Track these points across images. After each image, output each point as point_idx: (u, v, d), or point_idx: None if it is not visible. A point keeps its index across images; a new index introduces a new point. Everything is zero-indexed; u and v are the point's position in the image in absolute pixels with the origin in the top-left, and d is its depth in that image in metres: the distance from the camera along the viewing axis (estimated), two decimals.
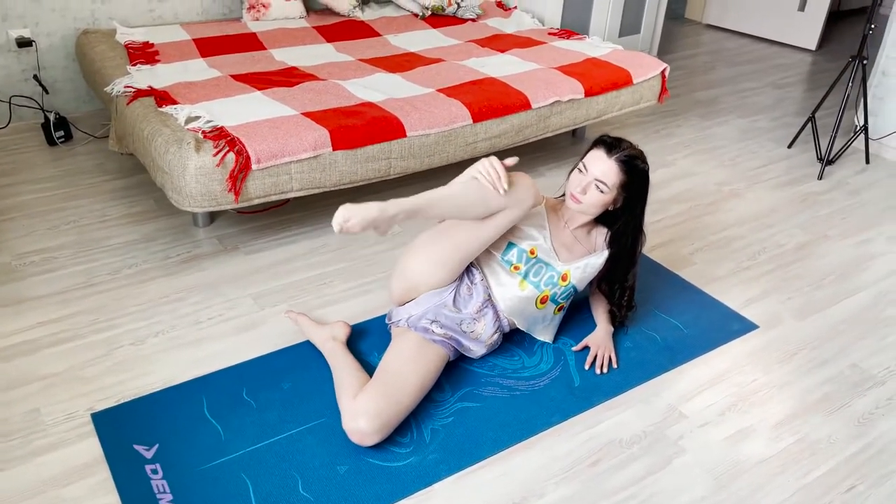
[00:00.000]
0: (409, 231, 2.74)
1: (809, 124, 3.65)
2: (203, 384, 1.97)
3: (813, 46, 5.37)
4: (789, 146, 3.71)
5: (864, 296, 2.54)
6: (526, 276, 2.04)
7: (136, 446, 1.76)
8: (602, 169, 1.96)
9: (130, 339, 2.11)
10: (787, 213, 3.07)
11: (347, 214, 1.77)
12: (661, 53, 4.98)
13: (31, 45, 3.16)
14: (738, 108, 4.20)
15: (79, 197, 2.82)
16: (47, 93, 3.29)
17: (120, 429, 1.81)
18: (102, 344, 2.08)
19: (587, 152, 2.02)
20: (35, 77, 3.22)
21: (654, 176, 2.08)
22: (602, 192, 1.97)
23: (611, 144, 1.99)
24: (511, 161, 1.89)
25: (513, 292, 2.03)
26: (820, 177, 3.39)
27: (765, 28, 5.56)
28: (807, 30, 5.35)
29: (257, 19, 3.56)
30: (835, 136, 3.43)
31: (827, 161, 3.42)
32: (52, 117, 3.14)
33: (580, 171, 2.00)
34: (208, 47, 3.18)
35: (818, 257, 2.76)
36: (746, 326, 2.34)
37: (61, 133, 3.19)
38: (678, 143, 3.68)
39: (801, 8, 5.32)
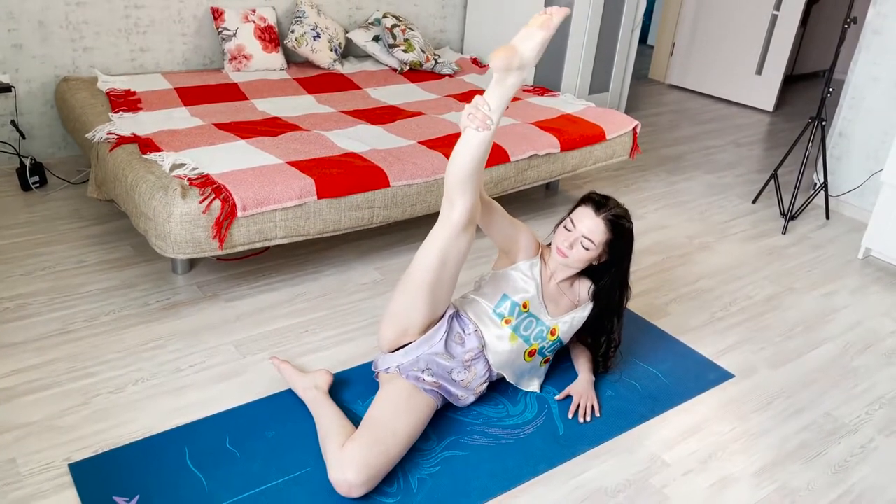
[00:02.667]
0: (389, 280, 2.76)
1: (772, 181, 3.81)
2: (185, 433, 1.93)
3: (770, 108, 5.62)
4: (754, 201, 3.85)
5: (832, 346, 2.62)
6: (516, 329, 2.07)
7: (115, 498, 1.71)
8: (589, 227, 2.01)
9: (109, 388, 2.07)
10: (755, 265, 3.17)
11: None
12: (628, 111, 5.16)
13: (10, 91, 3.15)
14: (704, 164, 4.36)
15: (54, 242, 2.78)
16: (24, 138, 3.27)
17: (99, 480, 1.76)
18: (80, 392, 2.04)
19: (575, 208, 2.07)
20: (12, 122, 3.20)
21: None
22: (587, 249, 2.02)
23: (598, 203, 2.03)
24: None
25: (503, 345, 2.05)
26: (784, 231, 3.52)
27: (724, 89, 5.82)
28: (764, 92, 5.62)
29: (239, 70, 3.61)
30: (796, 193, 3.58)
31: (790, 216, 3.56)
32: (27, 162, 3.12)
33: (567, 228, 2.04)
34: (190, 96, 3.21)
35: (786, 309, 2.85)
36: (722, 375, 2.39)
37: (36, 178, 3.16)
38: (648, 197, 3.79)
39: (759, 72, 5.60)
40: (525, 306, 2.07)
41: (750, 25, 5.53)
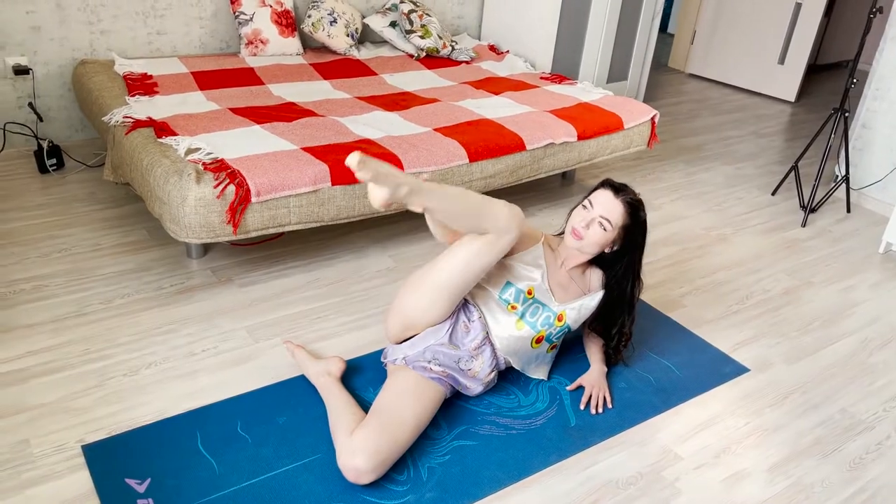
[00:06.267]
0: (403, 267, 2.75)
1: (792, 172, 3.75)
2: (197, 417, 1.94)
3: (792, 98, 5.53)
4: (773, 193, 3.80)
5: (850, 341, 2.58)
6: (523, 315, 2.05)
7: (127, 480, 1.73)
8: (608, 207, 2.02)
9: (123, 370, 2.08)
10: (773, 258, 3.13)
11: (363, 159, 1.68)
12: (646, 100, 5.10)
13: (27, 73, 3.16)
14: (723, 155, 4.30)
15: (71, 225, 2.80)
16: (41, 120, 3.28)
17: (111, 462, 1.77)
18: (94, 374, 2.05)
19: (592, 192, 2.08)
20: (30, 104, 3.22)
21: None
22: (605, 229, 2.01)
23: (617, 187, 2.05)
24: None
25: (509, 331, 2.04)
26: (803, 224, 3.47)
27: (745, 79, 5.73)
28: (786, 82, 5.53)
29: (255, 55, 3.60)
30: (817, 185, 3.52)
31: (810, 209, 3.51)
32: (45, 145, 3.13)
33: (585, 207, 2.05)
34: (207, 80, 3.20)
35: (804, 303, 2.81)
36: (738, 369, 2.36)
37: (53, 161, 3.17)
38: (666, 188, 3.75)
39: (781, 61, 5.51)
40: (530, 293, 2.06)
41: (773, 14, 5.44)
